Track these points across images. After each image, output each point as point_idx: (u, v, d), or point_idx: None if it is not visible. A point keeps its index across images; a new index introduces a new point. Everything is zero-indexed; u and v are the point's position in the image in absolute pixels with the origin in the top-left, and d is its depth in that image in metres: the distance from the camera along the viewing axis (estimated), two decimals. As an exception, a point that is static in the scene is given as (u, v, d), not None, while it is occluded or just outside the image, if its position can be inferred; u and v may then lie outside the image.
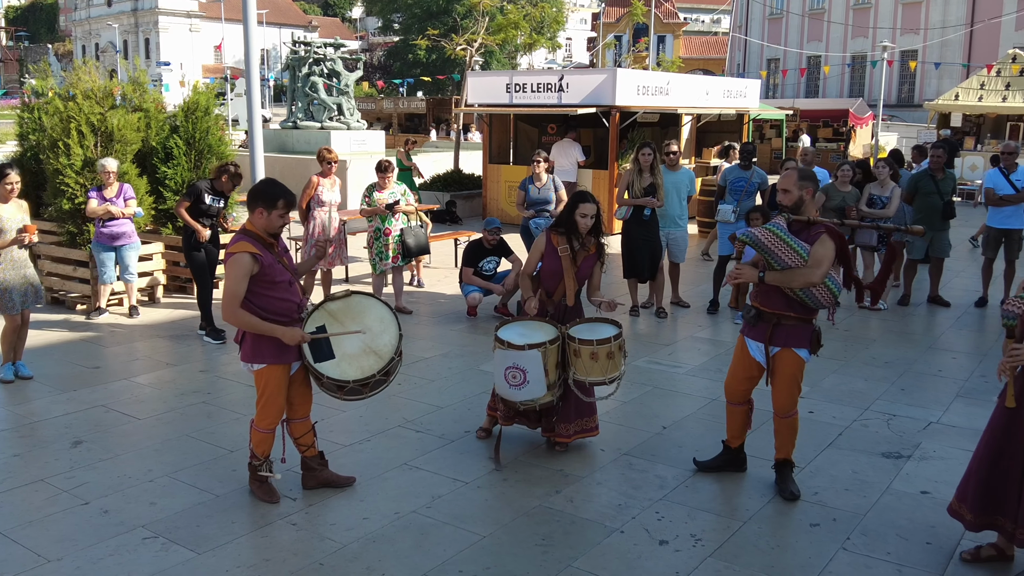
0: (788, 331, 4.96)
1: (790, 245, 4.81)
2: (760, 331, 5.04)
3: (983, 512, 4.27)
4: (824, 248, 4.82)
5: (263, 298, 4.75)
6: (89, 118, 9.50)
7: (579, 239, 5.61)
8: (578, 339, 5.32)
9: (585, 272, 5.69)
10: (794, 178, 4.99)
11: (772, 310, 4.96)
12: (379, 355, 4.89)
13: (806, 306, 4.92)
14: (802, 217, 4.94)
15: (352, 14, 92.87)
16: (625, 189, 9.29)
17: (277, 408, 4.93)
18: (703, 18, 72.78)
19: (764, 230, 4.92)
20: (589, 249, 5.65)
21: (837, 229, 4.98)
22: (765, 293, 4.95)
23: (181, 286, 10.47)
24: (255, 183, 4.88)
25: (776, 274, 4.85)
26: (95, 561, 4.36)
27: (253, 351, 4.82)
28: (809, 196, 4.98)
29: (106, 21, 72.67)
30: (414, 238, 9.62)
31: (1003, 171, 10.05)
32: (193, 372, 7.55)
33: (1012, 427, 4.14)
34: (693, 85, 17.92)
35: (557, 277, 5.64)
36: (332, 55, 21.00)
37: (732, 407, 5.36)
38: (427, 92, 45.89)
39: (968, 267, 12.57)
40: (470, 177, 18.78)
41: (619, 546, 4.57)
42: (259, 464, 5.06)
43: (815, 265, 4.78)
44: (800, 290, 4.83)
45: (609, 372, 5.34)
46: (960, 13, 44.63)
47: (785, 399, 5.06)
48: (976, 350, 8.47)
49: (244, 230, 4.81)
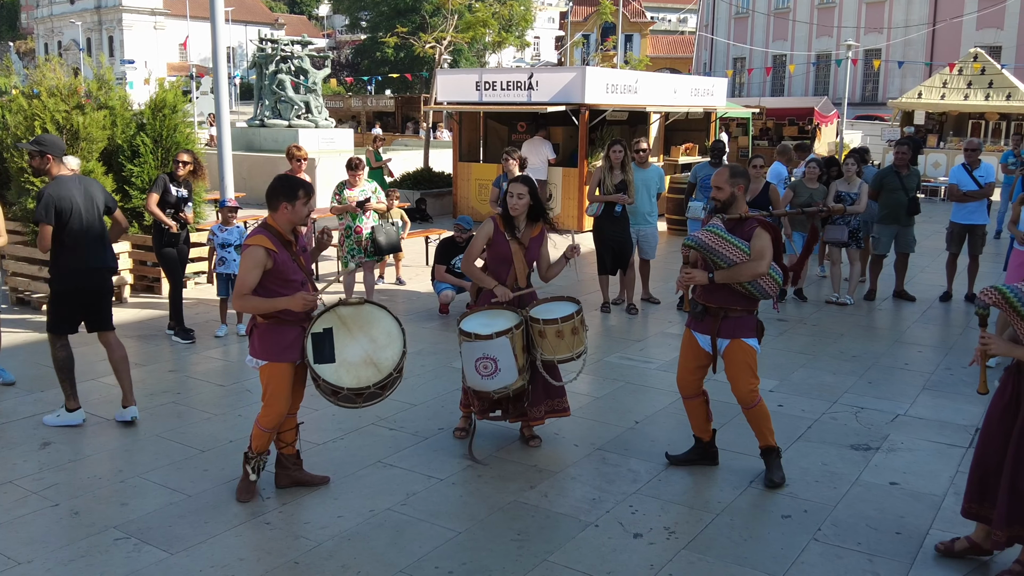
0: (735, 323, 5.12)
1: (732, 243, 4.98)
2: (707, 324, 5.20)
3: (979, 503, 4.32)
4: (762, 240, 5.00)
5: (274, 295, 4.74)
6: (54, 116, 9.38)
7: (519, 222, 5.68)
8: (542, 320, 5.38)
9: (534, 254, 5.74)
10: (726, 175, 5.15)
11: (718, 304, 5.11)
12: (379, 368, 4.85)
13: (750, 298, 5.09)
14: (735, 215, 5.10)
15: (319, 12, 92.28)
16: (596, 186, 9.34)
17: (280, 407, 4.89)
18: (670, 17, 73.16)
19: (706, 232, 5.07)
20: (534, 230, 5.73)
21: (768, 221, 5.15)
22: (710, 289, 5.12)
23: (149, 285, 10.36)
24: (270, 182, 4.90)
25: (724, 272, 5.00)
26: (66, 563, 4.31)
27: (260, 347, 4.83)
28: (740, 192, 5.15)
29: (69, 18, 71.56)
30: (385, 236, 9.59)
31: (966, 167, 10.22)
32: (162, 372, 7.48)
33: (1005, 418, 4.20)
34: (661, 84, 18.02)
35: (506, 263, 5.69)
36: (299, 53, 20.90)
37: (688, 402, 5.47)
38: (396, 90, 45.75)
39: (932, 262, 12.76)
40: (440, 175, 18.75)
41: (594, 540, 4.60)
42: (253, 457, 5.03)
43: (758, 257, 4.97)
44: (748, 283, 4.99)
45: (575, 348, 5.44)
46: (923, 12, 45.27)
47: (743, 388, 5.15)
48: (941, 344, 8.60)
49: (265, 225, 4.82)
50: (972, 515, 4.34)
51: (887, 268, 10.79)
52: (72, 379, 6.14)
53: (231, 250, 8.45)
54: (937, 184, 22.56)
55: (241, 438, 5.93)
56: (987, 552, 4.38)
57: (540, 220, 5.76)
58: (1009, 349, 3.99)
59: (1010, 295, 3.98)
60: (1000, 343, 4.00)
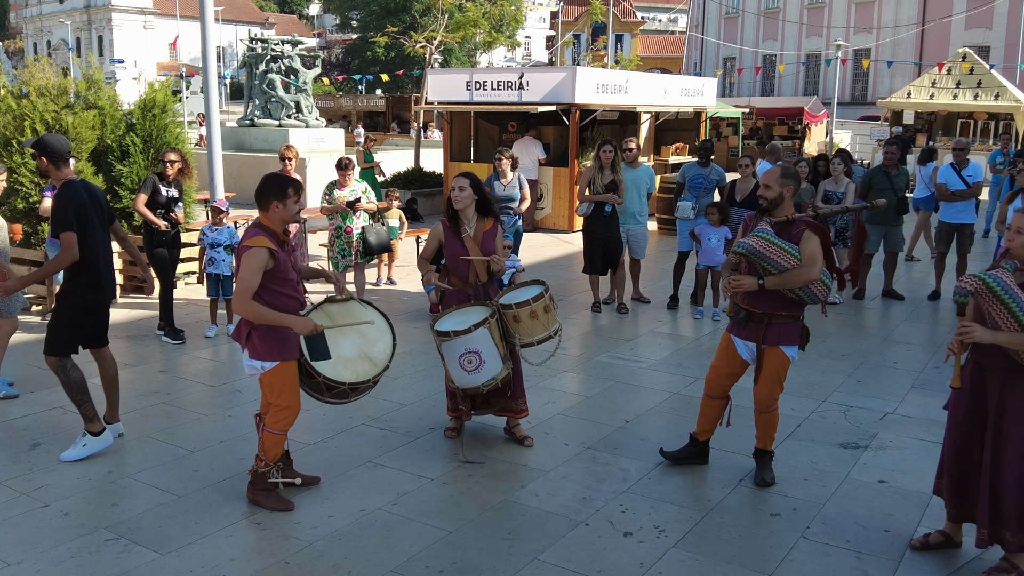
0: (780, 329, 5.03)
1: (782, 248, 4.86)
2: (751, 331, 5.09)
3: (961, 504, 4.37)
4: (812, 245, 4.91)
5: (274, 294, 4.69)
6: (43, 116, 9.35)
7: (467, 217, 5.71)
8: (514, 304, 5.44)
9: (489, 247, 5.73)
10: (777, 175, 5.04)
11: (762, 310, 5.01)
12: (374, 362, 4.96)
13: (797, 303, 5.00)
14: (781, 217, 5.00)
15: (309, 11, 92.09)
16: (586, 186, 9.36)
17: (296, 405, 4.85)
18: (660, 17, 73.29)
19: (756, 238, 4.93)
20: (486, 224, 5.77)
21: (816, 223, 5.05)
22: (755, 294, 4.99)
23: (138, 286, 10.32)
24: (259, 182, 4.83)
25: (775, 278, 4.88)
26: (56, 563, 4.30)
27: (264, 348, 4.72)
28: (789, 194, 5.04)
29: (58, 18, 71.26)
30: (376, 236, 9.59)
31: (955, 167, 10.27)
32: (152, 373, 7.46)
33: (972, 414, 4.24)
34: (651, 83, 18.05)
35: (465, 259, 5.72)
36: (290, 52, 20.84)
37: (709, 400, 5.40)
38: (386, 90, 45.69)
39: (921, 262, 12.81)
40: (431, 175, 18.74)
41: (584, 538, 4.61)
42: (268, 470, 4.93)
43: (810, 263, 4.86)
44: (799, 288, 4.91)
45: (551, 325, 5.52)
46: (912, 12, 45.45)
47: (767, 395, 5.14)
48: (930, 342, 8.64)
49: (260, 225, 4.76)
50: (964, 518, 4.40)
51: (876, 267, 10.84)
52: (91, 398, 5.66)
53: (220, 250, 8.44)
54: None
55: (231, 439, 5.93)
56: (957, 544, 4.47)
57: (490, 214, 5.79)
58: (991, 336, 3.99)
59: (991, 282, 3.99)
60: (982, 330, 4.00)
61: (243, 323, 4.81)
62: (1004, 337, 3.98)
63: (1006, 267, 4.07)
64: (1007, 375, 4.11)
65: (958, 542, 4.47)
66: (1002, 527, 4.14)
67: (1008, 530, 4.13)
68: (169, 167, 8.20)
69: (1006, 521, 4.12)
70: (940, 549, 4.48)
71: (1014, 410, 4.10)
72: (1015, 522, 4.11)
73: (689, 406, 6.50)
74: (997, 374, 4.14)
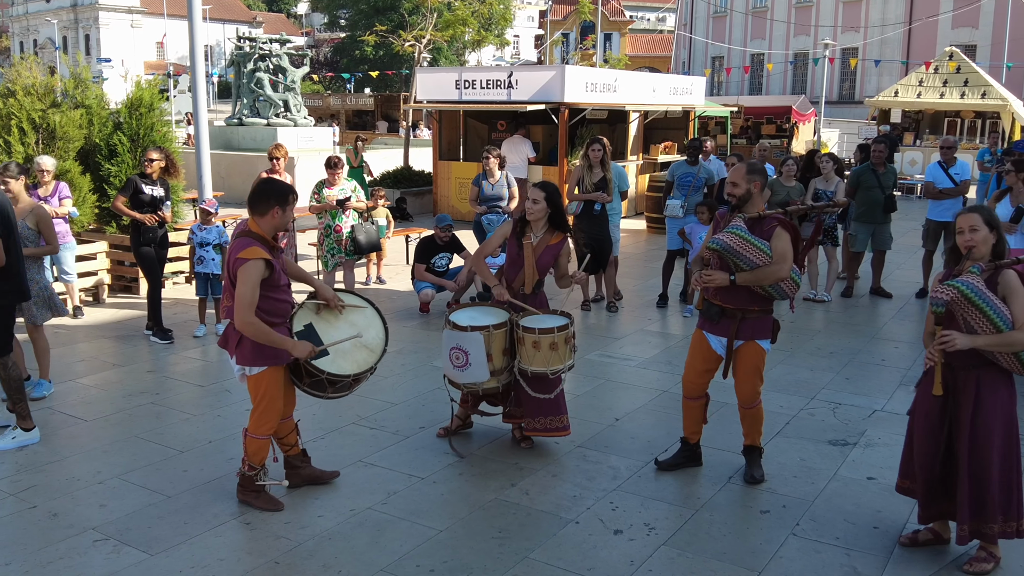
0: (753, 324, 5.05)
1: (755, 245, 4.87)
2: (724, 327, 5.09)
3: (935, 504, 4.40)
4: (783, 242, 4.93)
5: (265, 300, 4.62)
6: (30, 115, 9.29)
7: (535, 227, 5.65)
8: (522, 327, 5.38)
9: (546, 261, 5.66)
10: (743, 171, 5.05)
11: (736, 306, 5.02)
12: (371, 349, 5.01)
13: (768, 299, 5.02)
14: (753, 213, 5.02)
15: (297, 9, 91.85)
16: (575, 185, 9.36)
17: (277, 411, 4.83)
18: (649, 16, 73.38)
19: (730, 235, 4.94)
20: (553, 239, 5.67)
21: (787, 220, 5.07)
22: (727, 291, 5.00)
23: (126, 286, 10.29)
24: (253, 188, 4.81)
25: (747, 274, 4.90)
26: (44, 564, 4.28)
27: (253, 354, 4.67)
28: (757, 189, 5.05)
29: (44, 17, 70.81)
30: (365, 235, 9.58)
31: (942, 165, 10.32)
32: (140, 372, 7.43)
33: (944, 416, 4.27)
34: (640, 82, 18.08)
35: (517, 266, 5.68)
36: (278, 51, 20.79)
37: (689, 402, 5.38)
38: (375, 88, 45.62)
39: (909, 259, 12.87)
40: (420, 174, 18.72)
41: (575, 536, 4.62)
42: (255, 473, 4.91)
43: (780, 260, 4.88)
44: (770, 285, 4.92)
45: (552, 364, 5.35)
46: (899, 11, 45.66)
47: (748, 390, 5.15)
48: (917, 339, 8.67)
49: (250, 233, 4.66)
50: (934, 518, 4.44)
51: (864, 265, 10.88)
52: (26, 397, 5.91)
53: (209, 249, 8.41)
54: (913, 182, 22.76)
55: (220, 438, 5.92)
56: (946, 541, 4.49)
57: (561, 230, 5.69)
58: (972, 340, 4.06)
59: (965, 289, 4.06)
60: (962, 337, 4.06)
61: (231, 330, 4.74)
62: (982, 341, 4.05)
63: (973, 271, 4.14)
64: (981, 372, 4.17)
65: (947, 539, 4.49)
66: (987, 521, 4.18)
67: (994, 523, 4.17)
68: (149, 166, 8.15)
69: (991, 515, 4.17)
70: (929, 546, 4.50)
71: (991, 405, 4.16)
72: (1001, 514, 4.17)
73: (679, 404, 6.46)
74: (970, 372, 4.19)
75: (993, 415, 4.15)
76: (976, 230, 4.12)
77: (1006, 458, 4.17)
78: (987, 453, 4.15)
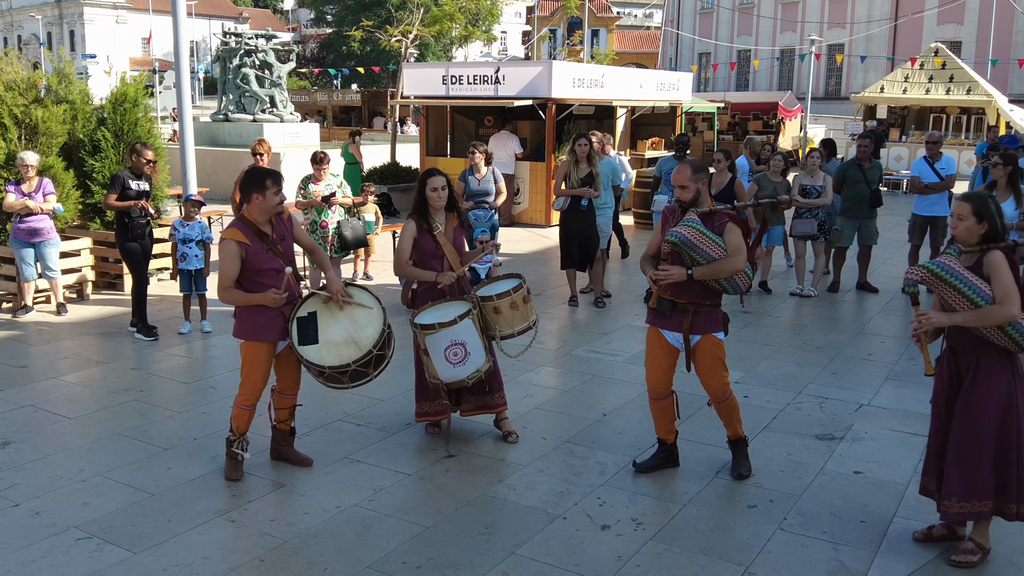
0: (705, 318, 5.08)
1: (711, 239, 4.91)
2: (676, 321, 5.10)
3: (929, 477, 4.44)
4: (736, 236, 4.97)
5: (249, 282, 5.01)
6: (12, 110, 9.20)
7: (435, 216, 5.75)
8: (495, 295, 5.47)
9: (459, 243, 5.89)
10: (688, 174, 5.03)
11: (689, 300, 5.03)
12: (359, 346, 5.08)
13: (719, 293, 5.07)
14: (704, 208, 5.06)
15: (284, 5, 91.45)
16: (562, 180, 9.34)
17: (254, 384, 5.10)
18: (636, 12, 73.40)
19: (688, 228, 4.94)
20: (453, 220, 5.87)
21: (736, 215, 5.11)
22: (681, 286, 5.01)
23: (111, 282, 10.21)
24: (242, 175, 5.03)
25: (704, 268, 4.92)
26: (27, 564, 4.24)
27: (239, 327, 5.09)
28: (704, 187, 5.09)
29: (28, 12, 70.25)
30: (351, 230, 9.53)
31: (928, 160, 10.35)
32: (124, 370, 7.37)
33: (949, 403, 4.29)
34: (627, 78, 18.06)
35: (437, 257, 5.75)
36: (264, 46, 20.68)
37: (657, 403, 5.31)
38: (362, 84, 45.43)
39: (895, 254, 12.91)
40: (407, 170, 18.64)
41: (562, 532, 4.60)
42: (234, 440, 5.19)
43: (736, 253, 4.92)
44: (725, 279, 4.94)
45: (529, 316, 5.60)
46: (885, 8, 45.86)
47: (716, 383, 5.14)
48: (904, 334, 8.69)
49: (241, 218, 5.08)
50: (929, 493, 4.47)
51: (850, 260, 10.90)
52: None
53: (192, 245, 8.34)
54: (899, 177, 22.84)
55: (205, 436, 5.88)
56: (960, 537, 4.46)
57: (454, 211, 5.89)
58: (948, 318, 4.13)
59: (935, 269, 4.15)
60: (936, 315, 4.15)
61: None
62: (960, 317, 4.11)
63: (951, 252, 4.26)
64: (980, 352, 4.20)
65: (961, 535, 4.45)
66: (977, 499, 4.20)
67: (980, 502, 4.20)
68: (145, 164, 8.21)
69: (980, 495, 4.19)
70: (943, 542, 4.47)
71: (984, 388, 4.18)
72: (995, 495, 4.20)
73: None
74: (971, 353, 4.22)
75: (985, 398, 4.16)
76: (962, 219, 4.16)
77: (1002, 441, 4.17)
78: (975, 434, 4.17)
